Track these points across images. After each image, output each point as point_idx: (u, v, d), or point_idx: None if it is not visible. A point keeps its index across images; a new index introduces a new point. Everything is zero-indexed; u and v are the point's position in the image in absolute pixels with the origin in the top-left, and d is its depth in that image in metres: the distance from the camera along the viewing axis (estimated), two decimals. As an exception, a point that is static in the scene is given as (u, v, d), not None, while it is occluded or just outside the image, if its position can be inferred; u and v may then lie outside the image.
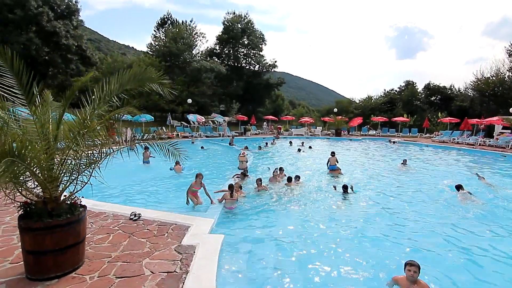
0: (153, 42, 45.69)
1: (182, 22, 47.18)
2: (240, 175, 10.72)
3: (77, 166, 3.64)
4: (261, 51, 53.01)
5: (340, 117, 35.57)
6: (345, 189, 8.92)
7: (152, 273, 3.60)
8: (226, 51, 52.26)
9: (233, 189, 7.66)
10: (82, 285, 3.33)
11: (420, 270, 3.91)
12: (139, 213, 5.52)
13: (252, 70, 53.27)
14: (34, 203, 3.44)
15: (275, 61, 53.38)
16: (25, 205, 3.44)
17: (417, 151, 21.46)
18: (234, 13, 51.16)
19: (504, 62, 34.55)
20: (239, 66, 52.22)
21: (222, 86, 47.04)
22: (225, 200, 7.47)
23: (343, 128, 33.68)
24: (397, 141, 26.21)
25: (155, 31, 47.83)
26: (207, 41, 63.86)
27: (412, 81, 46.86)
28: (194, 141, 23.79)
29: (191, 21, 47.70)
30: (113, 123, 4.22)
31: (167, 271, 3.65)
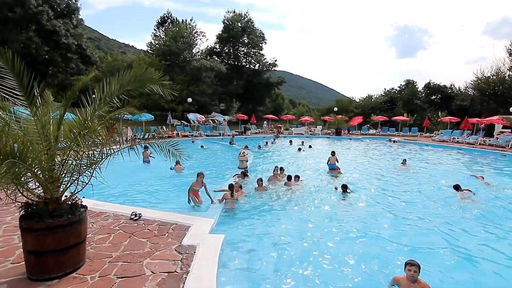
0: (153, 41, 45.65)
1: (182, 21, 47.14)
2: (240, 174, 10.73)
3: (78, 166, 3.65)
4: (261, 50, 52.92)
5: (340, 116, 35.58)
6: (344, 188, 8.94)
7: (153, 273, 3.62)
8: (226, 50, 52.15)
9: (233, 188, 7.67)
10: (83, 285, 3.34)
11: (420, 269, 3.93)
12: (139, 213, 5.53)
13: (252, 69, 53.13)
14: (35, 203, 3.45)
15: (275, 60, 53.32)
16: (26, 206, 3.45)
17: (417, 150, 21.46)
18: (234, 12, 51.06)
19: (505, 61, 34.57)
20: (239, 65, 52.10)
21: (222, 85, 47.01)
22: (225, 200, 7.48)
23: (343, 127, 33.67)
24: (397, 140, 26.22)
25: (155, 30, 47.82)
26: (207, 40, 63.91)
27: (412, 80, 46.82)
28: (194, 140, 23.80)
29: (191, 20, 47.70)
30: (114, 123, 4.23)
31: (167, 271, 3.67)
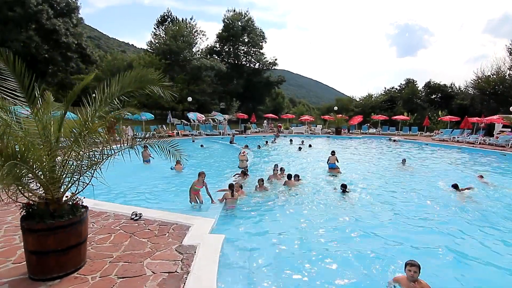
0: (153, 40, 45.59)
1: (182, 19, 47.05)
2: (240, 174, 10.75)
3: (79, 167, 3.66)
4: (262, 49, 52.97)
5: (340, 115, 35.57)
6: (344, 188, 8.96)
7: (154, 273, 3.63)
8: (226, 49, 52.15)
9: (233, 188, 7.69)
10: (84, 285, 3.36)
11: (420, 270, 3.94)
12: (140, 213, 5.54)
13: (252, 68, 53.14)
14: (36, 204, 3.46)
15: (276, 59, 53.35)
16: (27, 206, 3.47)
17: (417, 149, 21.48)
18: (235, 10, 51.07)
19: (505, 60, 34.49)
20: (239, 64, 52.10)
21: (222, 84, 46.99)
22: (225, 200, 7.50)
23: (343, 126, 33.65)
24: (397, 139, 26.21)
25: (155, 28, 47.79)
26: (207, 38, 63.78)
27: (412, 79, 46.86)
28: (194, 139, 23.81)
29: (191, 18, 47.67)
30: (114, 123, 4.24)
31: (168, 271, 3.68)
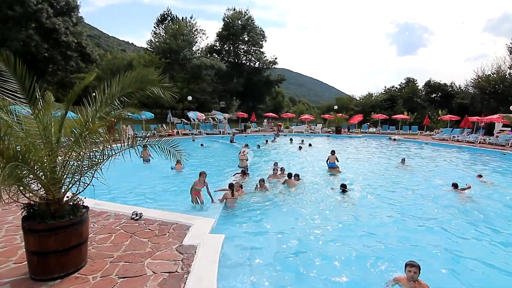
0: (153, 38, 45.49)
1: (182, 18, 46.97)
2: (240, 173, 10.76)
3: (80, 167, 3.68)
4: (262, 47, 52.88)
5: (340, 114, 35.57)
6: (343, 188, 8.98)
7: (154, 273, 3.65)
8: (226, 48, 52.08)
9: (233, 188, 7.71)
10: (85, 285, 3.38)
11: (421, 270, 3.96)
12: (140, 213, 5.56)
13: (253, 67, 53.09)
14: (37, 204, 3.47)
15: (276, 57, 53.30)
16: (28, 207, 3.48)
17: (417, 149, 21.49)
18: (235, 9, 50.96)
19: (505, 59, 34.49)
20: (239, 63, 52.04)
21: (222, 83, 46.94)
22: (226, 199, 7.52)
23: (343, 125, 33.65)
24: (397, 138, 26.23)
25: (155, 27, 47.69)
26: (207, 37, 63.70)
27: (412, 78, 46.84)
28: (194, 138, 23.82)
29: (191, 17, 47.70)
30: (115, 123, 4.24)
31: (168, 271, 3.70)
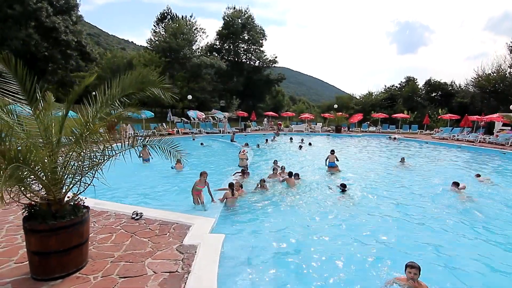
0: (152, 37, 45.37)
1: (182, 17, 46.87)
2: (240, 173, 10.78)
3: (80, 168, 3.69)
4: (262, 46, 52.82)
5: (340, 113, 35.55)
6: (343, 187, 9.00)
7: (155, 273, 3.67)
8: (226, 47, 52.00)
9: (233, 187, 7.73)
10: (86, 285, 3.40)
11: (421, 271, 3.97)
12: (141, 212, 5.58)
13: (253, 66, 53.05)
14: (38, 205, 3.49)
15: (276, 56, 53.25)
16: (29, 207, 3.50)
17: (417, 148, 21.51)
18: (235, 8, 50.87)
19: (506, 58, 34.40)
20: (239, 61, 51.97)
21: (222, 82, 46.88)
22: (226, 199, 7.54)
23: (343, 124, 33.65)
24: (397, 137, 26.24)
25: (154, 26, 47.58)
26: (207, 36, 63.56)
27: (413, 77, 46.77)
28: (194, 137, 23.82)
29: (191, 16, 47.39)
30: (115, 123, 4.25)
31: (169, 271, 3.72)
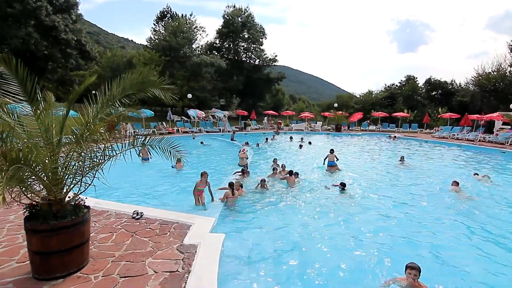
0: (152, 36, 45.29)
1: (182, 15, 46.77)
2: (240, 172, 10.79)
3: (81, 168, 3.71)
4: (262, 45, 52.67)
5: (340, 112, 35.55)
6: (342, 186, 9.02)
7: (155, 272, 3.69)
8: (226, 45, 51.90)
9: (233, 187, 7.75)
10: (87, 285, 3.42)
11: (421, 272, 3.99)
12: (141, 212, 5.60)
13: (253, 65, 52.94)
14: (39, 205, 3.51)
15: (276, 55, 53.11)
16: (30, 207, 3.52)
17: (417, 147, 21.52)
18: (235, 6, 50.72)
19: (506, 57, 34.37)
20: (239, 60, 51.86)
21: (222, 81, 46.81)
22: (227, 199, 7.56)
23: (343, 123, 33.66)
24: (397, 136, 26.24)
25: (154, 24, 47.43)
26: (207, 35, 63.43)
27: (413, 76, 46.66)
28: (194, 136, 23.84)
29: (191, 14, 47.25)
30: (116, 123, 4.26)
31: (169, 270, 3.74)
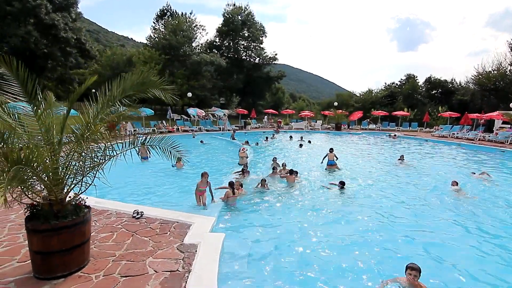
0: (152, 34, 45.20)
1: (181, 14, 46.66)
2: (240, 172, 10.80)
3: (82, 168, 3.72)
4: (262, 43, 52.66)
5: (340, 111, 35.55)
6: (342, 185, 9.04)
7: (156, 272, 3.71)
8: (226, 44, 51.85)
9: (233, 186, 7.76)
10: (88, 284, 3.44)
11: (421, 273, 4.00)
12: (141, 211, 5.61)
13: (253, 63, 52.89)
14: (40, 205, 3.53)
15: (276, 53, 53.13)
16: (31, 207, 3.54)
17: (417, 145, 21.54)
18: (234, 5, 50.63)
19: (506, 56, 34.31)
20: (239, 59, 51.80)
21: (222, 79, 46.79)
22: (227, 198, 7.58)
23: (343, 122, 33.66)
24: (396, 135, 26.26)
25: (154, 23, 47.33)
26: (207, 33, 63.37)
27: (413, 75, 46.59)
28: (194, 135, 23.86)
29: (190, 13, 47.14)
30: (116, 123, 4.27)
31: (170, 270, 3.76)
